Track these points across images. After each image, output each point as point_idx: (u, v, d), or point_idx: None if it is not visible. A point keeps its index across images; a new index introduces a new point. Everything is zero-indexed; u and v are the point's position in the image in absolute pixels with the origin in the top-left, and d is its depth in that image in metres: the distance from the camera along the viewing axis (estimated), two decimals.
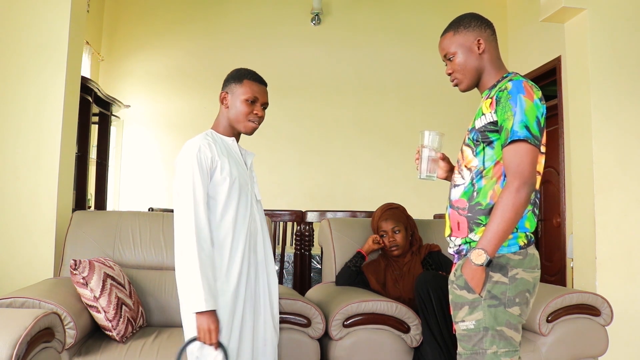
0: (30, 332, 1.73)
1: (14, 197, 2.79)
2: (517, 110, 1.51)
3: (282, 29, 5.40)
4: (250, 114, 1.90)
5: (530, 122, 1.51)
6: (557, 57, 4.28)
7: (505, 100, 1.53)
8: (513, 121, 1.51)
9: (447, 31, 1.71)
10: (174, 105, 5.26)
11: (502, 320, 1.54)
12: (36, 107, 2.83)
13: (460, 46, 1.66)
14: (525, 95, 1.52)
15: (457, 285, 1.60)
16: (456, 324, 1.62)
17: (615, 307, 2.62)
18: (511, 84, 1.55)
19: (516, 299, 1.55)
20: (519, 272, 1.56)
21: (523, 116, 1.51)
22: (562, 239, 4.20)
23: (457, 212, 1.64)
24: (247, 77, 1.92)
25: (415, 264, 2.69)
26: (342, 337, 2.32)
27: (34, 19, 2.85)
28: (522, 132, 1.50)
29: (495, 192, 1.58)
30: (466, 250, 1.62)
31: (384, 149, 5.38)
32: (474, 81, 1.69)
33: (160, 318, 2.52)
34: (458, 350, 1.62)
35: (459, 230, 1.64)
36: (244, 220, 1.87)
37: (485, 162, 1.60)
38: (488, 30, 1.68)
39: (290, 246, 4.60)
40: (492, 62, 1.67)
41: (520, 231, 1.58)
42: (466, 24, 1.68)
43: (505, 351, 1.54)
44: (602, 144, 3.04)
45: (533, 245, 1.62)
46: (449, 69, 1.71)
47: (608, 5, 3.08)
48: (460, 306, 1.59)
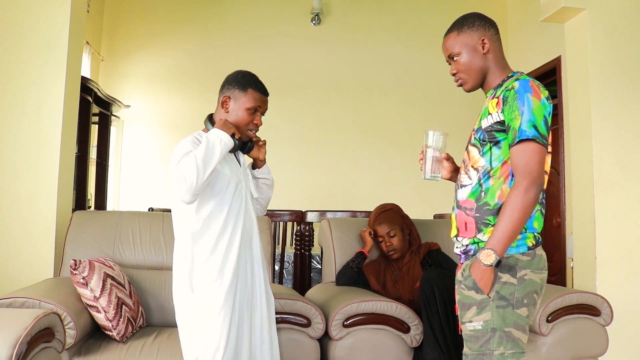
0: (30, 332, 1.73)
1: (14, 197, 2.78)
2: (525, 109, 1.51)
3: (282, 29, 5.40)
4: (250, 123, 1.93)
5: (538, 121, 1.50)
6: (557, 57, 4.28)
7: (513, 99, 1.53)
8: (521, 120, 1.50)
9: (451, 31, 1.69)
10: (174, 105, 5.26)
11: (510, 321, 1.54)
12: (36, 107, 2.83)
13: (464, 46, 1.65)
14: (532, 94, 1.52)
15: (466, 286, 1.59)
16: (463, 324, 1.62)
17: (615, 307, 2.62)
18: (518, 84, 1.55)
19: (524, 300, 1.55)
20: (528, 273, 1.55)
21: (531, 115, 1.50)
22: (562, 239, 4.20)
23: (465, 213, 1.63)
24: (251, 86, 1.93)
25: (414, 265, 2.67)
26: (342, 337, 2.32)
27: (34, 19, 2.85)
28: (531, 131, 1.50)
29: (503, 192, 1.57)
30: (474, 250, 1.61)
31: (384, 149, 5.38)
32: (479, 81, 1.68)
33: (160, 318, 2.52)
34: (464, 350, 1.61)
35: (467, 231, 1.63)
36: (238, 218, 1.87)
37: (493, 162, 1.59)
38: (492, 30, 1.67)
39: (290, 246, 4.60)
40: (496, 62, 1.66)
41: (529, 231, 1.57)
42: (470, 23, 1.67)
43: (512, 352, 1.54)
44: (602, 144, 3.03)
45: (541, 246, 1.61)
46: (454, 69, 1.69)
47: (608, 5, 3.08)
48: (468, 306, 1.58)
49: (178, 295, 1.84)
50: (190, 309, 1.80)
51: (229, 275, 1.81)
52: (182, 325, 1.83)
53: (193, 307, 1.79)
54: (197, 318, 1.79)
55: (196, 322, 1.78)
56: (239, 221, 1.87)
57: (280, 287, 2.80)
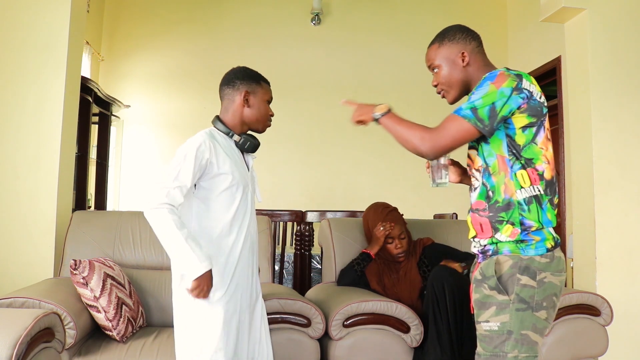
0: (30, 332, 1.73)
1: (14, 197, 2.78)
2: (476, 93, 1.53)
3: (282, 29, 5.40)
4: (268, 114, 1.99)
5: (481, 105, 1.51)
6: (557, 57, 4.28)
7: (476, 87, 1.56)
8: (466, 101, 1.54)
9: (433, 43, 1.72)
10: (174, 105, 5.26)
11: (529, 324, 1.53)
12: (36, 107, 2.83)
13: (444, 59, 1.68)
14: (493, 82, 1.52)
15: (488, 285, 1.58)
16: (478, 323, 1.61)
17: (615, 307, 2.62)
18: (488, 74, 1.56)
19: (544, 302, 1.54)
20: (547, 276, 1.54)
21: (477, 99, 1.51)
22: (562, 239, 4.20)
23: (478, 215, 1.63)
24: (262, 79, 1.99)
25: (411, 268, 2.63)
26: (342, 337, 2.32)
27: (34, 19, 2.85)
28: (466, 112, 1.52)
29: (507, 185, 1.57)
30: (492, 250, 1.61)
31: (384, 149, 5.36)
32: (461, 92, 1.70)
33: (160, 318, 2.52)
34: (477, 350, 1.61)
35: (483, 232, 1.63)
36: (243, 220, 1.87)
37: (487, 159, 1.60)
38: (473, 43, 1.68)
39: (290, 246, 4.60)
40: (478, 72, 1.66)
41: (546, 228, 1.56)
42: (451, 36, 1.68)
43: (526, 356, 1.53)
44: (602, 144, 3.03)
45: (559, 247, 1.61)
46: (434, 81, 1.72)
47: (608, 5, 3.08)
48: (487, 306, 1.57)
49: (178, 295, 1.84)
50: (190, 308, 1.80)
51: (230, 277, 1.82)
52: (179, 324, 1.82)
53: (193, 307, 1.79)
54: (197, 318, 1.78)
55: (196, 322, 1.78)
56: (244, 224, 1.87)
57: (280, 287, 2.80)
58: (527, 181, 1.56)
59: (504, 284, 1.55)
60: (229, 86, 1.94)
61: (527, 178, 1.57)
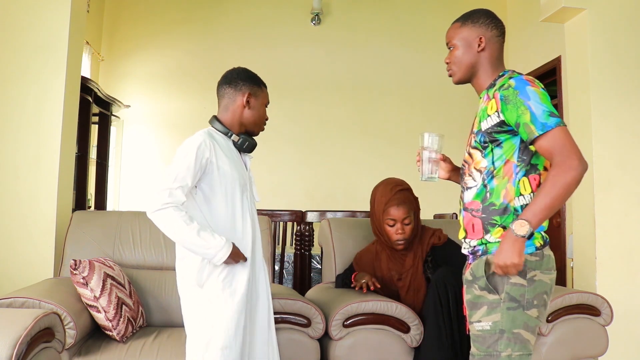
0: (30, 332, 1.73)
1: (14, 197, 2.79)
2: (532, 102, 1.49)
3: (282, 29, 5.40)
4: (265, 118, 2.01)
5: (550, 108, 1.49)
6: (557, 57, 4.28)
7: (514, 96, 1.51)
8: (531, 114, 1.49)
9: (457, 21, 1.71)
10: (174, 105, 5.26)
11: (520, 322, 1.53)
12: (36, 107, 2.83)
13: (461, 39, 1.67)
14: (531, 86, 1.52)
15: (478, 286, 1.58)
16: (471, 324, 1.61)
17: (615, 307, 2.62)
18: (514, 81, 1.55)
19: (534, 301, 1.54)
20: (537, 274, 1.55)
21: (542, 105, 1.49)
22: (562, 239, 4.20)
23: (471, 214, 1.64)
24: (262, 82, 2.00)
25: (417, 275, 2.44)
26: (342, 337, 2.32)
27: (34, 19, 2.85)
28: (551, 120, 1.48)
29: (508, 190, 1.57)
30: (482, 251, 1.61)
31: (384, 149, 5.38)
32: (466, 76, 1.69)
33: (160, 318, 2.52)
34: (471, 350, 1.61)
35: (474, 232, 1.63)
36: (245, 221, 1.87)
37: (495, 162, 1.59)
38: (495, 31, 1.67)
39: (290, 246, 4.60)
40: (490, 62, 1.66)
41: (537, 231, 1.56)
42: (475, 19, 1.67)
43: (520, 354, 1.53)
44: (602, 144, 3.04)
45: (548, 246, 1.61)
46: (447, 59, 1.71)
47: (608, 5, 3.08)
48: (479, 306, 1.58)
49: (185, 291, 1.84)
50: (198, 304, 1.80)
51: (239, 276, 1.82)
52: (188, 318, 1.83)
53: (201, 303, 1.79)
54: (205, 315, 1.78)
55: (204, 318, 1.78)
56: (246, 223, 1.88)
57: (280, 287, 2.80)
58: (528, 188, 1.57)
59: (494, 283, 1.55)
60: (230, 86, 1.94)
61: (528, 185, 1.57)
